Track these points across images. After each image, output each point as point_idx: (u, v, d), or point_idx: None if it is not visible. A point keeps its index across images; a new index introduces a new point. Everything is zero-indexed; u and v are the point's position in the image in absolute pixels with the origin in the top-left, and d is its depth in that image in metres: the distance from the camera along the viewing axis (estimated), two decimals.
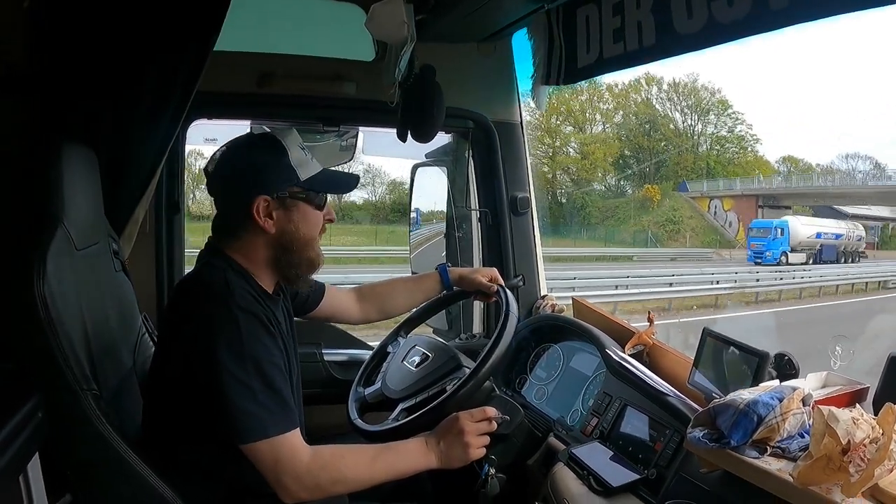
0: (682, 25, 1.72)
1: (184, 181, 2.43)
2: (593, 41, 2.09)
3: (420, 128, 2.27)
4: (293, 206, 1.60)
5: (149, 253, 2.35)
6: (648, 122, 45.93)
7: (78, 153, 1.69)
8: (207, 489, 1.56)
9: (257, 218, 1.57)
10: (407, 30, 2.00)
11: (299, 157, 1.61)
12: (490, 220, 2.66)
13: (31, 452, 1.35)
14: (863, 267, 28.49)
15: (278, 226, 1.59)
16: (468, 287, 2.08)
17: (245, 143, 1.66)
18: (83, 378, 1.46)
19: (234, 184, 1.60)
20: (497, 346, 1.75)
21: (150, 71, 1.93)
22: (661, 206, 41.52)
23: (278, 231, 1.59)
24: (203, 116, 2.39)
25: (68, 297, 1.49)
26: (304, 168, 1.61)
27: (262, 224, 1.57)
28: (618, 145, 45.74)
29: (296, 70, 2.40)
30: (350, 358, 2.52)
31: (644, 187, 43.14)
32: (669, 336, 3.79)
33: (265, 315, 1.54)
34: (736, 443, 1.40)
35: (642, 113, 46.34)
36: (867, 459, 1.23)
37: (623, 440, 1.87)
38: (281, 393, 1.49)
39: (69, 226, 1.56)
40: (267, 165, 1.59)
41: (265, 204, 1.57)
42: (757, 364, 1.65)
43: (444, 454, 1.63)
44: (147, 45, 1.91)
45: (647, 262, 29.75)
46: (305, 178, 1.61)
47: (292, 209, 1.60)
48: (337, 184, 1.72)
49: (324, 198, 1.67)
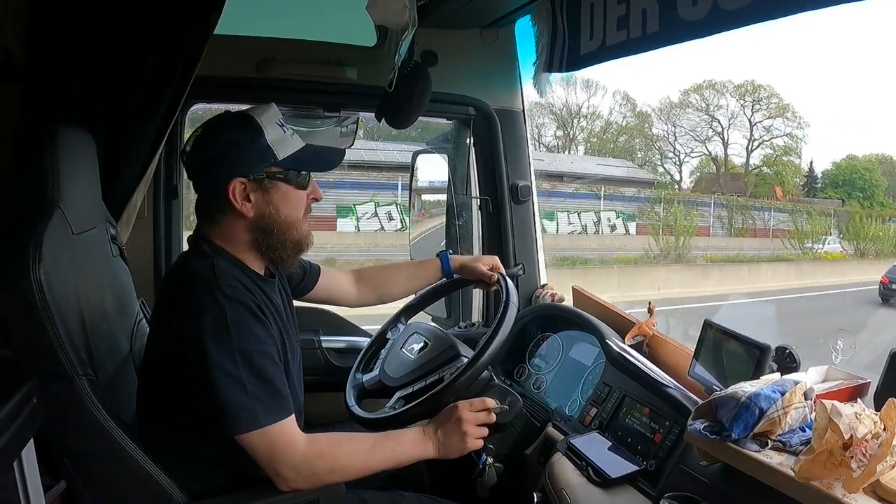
0: (687, 12, 1.70)
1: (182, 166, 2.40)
2: (597, 28, 2.07)
3: (397, 113, 2.26)
4: (272, 187, 1.56)
5: (147, 238, 2.34)
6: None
7: (76, 137, 1.68)
8: (203, 475, 1.56)
9: (234, 201, 1.52)
10: (408, 15, 1.98)
11: (276, 134, 1.56)
12: (490, 208, 2.64)
13: (26, 438, 1.34)
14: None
15: (257, 209, 1.55)
16: (469, 275, 2.06)
17: (218, 124, 1.61)
18: (79, 363, 1.45)
19: (209, 167, 1.56)
20: (496, 335, 1.73)
21: (149, 55, 1.92)
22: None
23: (257, 214, 1.55)
24: (202, 101, 2.38)
25: (64, 282, 1.47)
26: (283, 146, 1.57)
27: (239, 208, 1.53)
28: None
29: (296, 55, 2.38)
30: (348, 345, 2.51)
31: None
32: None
33: (255, 301, 1.51)
34: (737, 435, 1.39)
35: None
36: (869, 455, 1.22)
37: (622, 431, 1.87)
38: (272, 382, 1.47)
39: (66, 210, 1.54)
40: (241, 146, 1.54)
41: (241, 186, 1.53)
42: (758, 357, 1.64)
43: (441, 443, 1.63)
44: (147, 28, 1.90)
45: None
46: (284, 157, 1.56)
47: (271, 190, 1.56)
48: (318, 161, 1.67)
49: (306, 176, 1.62)
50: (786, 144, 34.18)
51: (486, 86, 2.58)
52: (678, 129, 34.32)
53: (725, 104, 33.80)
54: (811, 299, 16.74)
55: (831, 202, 31.88)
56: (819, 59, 49.61)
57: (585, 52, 2.15)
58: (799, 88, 56.55)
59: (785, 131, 33.89)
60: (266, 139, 1.55)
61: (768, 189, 32.74)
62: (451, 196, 2.80)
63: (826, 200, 32.26)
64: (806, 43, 48.61)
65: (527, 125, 2.67)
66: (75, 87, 1.91)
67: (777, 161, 33.96)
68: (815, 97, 54.05)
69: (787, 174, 33.67)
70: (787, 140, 34.05)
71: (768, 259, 23.01)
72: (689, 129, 34.32)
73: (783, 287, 17.91)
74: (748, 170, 34.08)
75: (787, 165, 34.00)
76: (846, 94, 50.52)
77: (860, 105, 49.47)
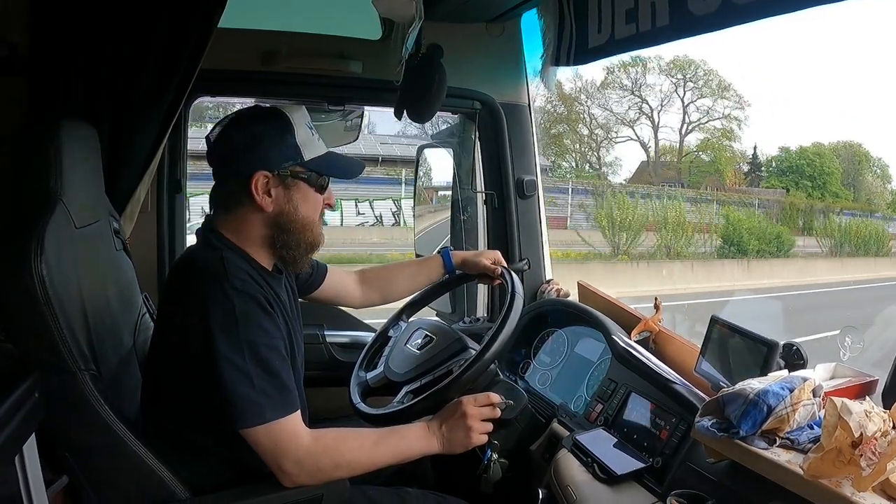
0: (697, 6, 1.68)
1: (186, 160, 2.39)
2: (605, 21, 2.05)
3: (417, 107, 2.25)
4: (293, 186, 1.56)
5: (150, 232, 2.33)
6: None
7: (79, 131, 1.67)
8: (206, 470, 1.55)
9: (255, 194, 1.52)
10: (414, 8, 1.97)
11: (305, 136, 1.57)
12: (496, 203, 2.63)
13: (28, 433, 1.34)
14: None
15: (276, 204, 1.55)
16: (471, 270, 2.05)
17: (252, 115, 1.60)
18: (81, 358, 1.44)
19: (235, 155, 1.54)
20: (504, 327, 1.72)
21: (153, 48, 1.91)
22: None
23: (276, 210, 1.55)
24: (206, 94, 2.37)
25: (67, 276, 1.47)
26: (309, 148, 1.57)
27: (259, 201, 1.52)
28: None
29: (301, 48, 2.37)
30: (352, 340, 2.51)
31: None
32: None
33: (263, 295, 1.50)
34: (745, 433, 1.38)
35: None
36: (878, 453, 1.21)
37: (628, 427, 1.86)
38: (279, 376, 1.47)
39: (69, 204, 1.54)
40: (272, 140, 1.53)
41: (265, 180, 1.52)
42: (766, 353, 1.63)
43: (446, 438, 1.62)
44: (151, 22, 1.89)
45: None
46: (309, 159, 1.57)
47: (292, 188, 1.56)
48: (341, 168, 1.67)
49: (326, 181, 1.62)
50: (724, 127, 32.14)
51: (491, 80, 2.57)
52: (606, 114, 32.15)
53: (655, 82, 31.88)
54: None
55: (774, 192, 30.10)
56: (767, 34, 45.63)
57: (594, 46, 2.13)
58: (740, 65, 54.04)
59: (724, 113, 31.90)
60: (295, 138, 1.55)
61: (706, 177, 31.06)
62: (457, 191, 2.80)
63: (768, 190, 30.51)
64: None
65: (532, 120, 2.66)
66: (79, 80, 1.91)
67: (712, 145, 31.95)
68: (759, 76, 50.99)
69: (724, 161, 31.61)
70: (726, 123, 32.06)
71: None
72: (616, 112, 32.24)
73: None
74: (682, 156, 32.52)
75: (726, 151, 32.10)
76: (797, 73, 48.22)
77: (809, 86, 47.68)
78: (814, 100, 49.38)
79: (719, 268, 18.74)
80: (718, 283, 16.28)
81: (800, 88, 49.84)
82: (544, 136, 30.77)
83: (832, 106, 49.04)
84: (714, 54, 50.37)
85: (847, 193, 31.47)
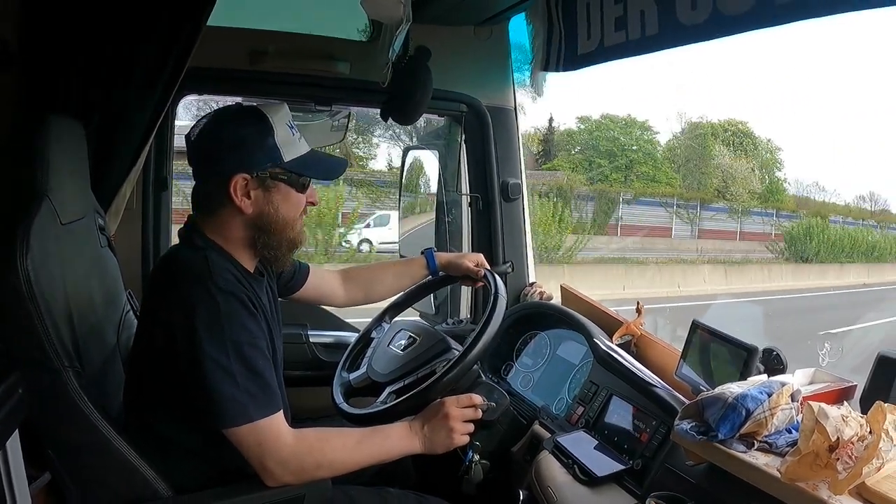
0: (686, 16, 1.70)
1: (172, 158, 2.39)
2: (594, 28, 2.06)
3: (403, 110, 2.27)
4: (273, 187, 1.54)
5: (135, 229, 2.33)
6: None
7: (65, 127, 1.66)
8: (190, 469, 1.54)
9: (234, 196, 1.51)
10: (402, 10, 1.97)
11: (285, 135, 1.55)
12: (480, 206, 2.64)
13: (11, 430, 1.33)
14: None
15: (256, 206, 1.54)
16: (454, 272, 2.06)
17: (229, 116, 1.59)
18: (65, 355, 1.43)
19: (214, 157, 1.53)
20: (487, 328, 1.73)
21: (141, 45, 1.90)
22: None
23: (255, 212, 1.54)
24: (193, 92, 2.36)
25: (52, 272, 1.46)
26: (290, 148, 1.55)
27: (238, 203, 1.52)
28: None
29: (289, 48, 2.37)
30: (336, 340, 2.51)
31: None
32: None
33: (247, 295, 1.50)
34: (723, 436, 1.40)
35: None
36: (855, 457, 1.23)
37: (608, 430, 1.87)
38: (263, 376, 1.46)
39: (54, 200, 1.53)
40: (250, 142, 1.52)
41: (244, 182, 1.51)
42: (746, 358, 1.65)
43: (427, 439, 1.62)
44: (141, 19, 1.88)
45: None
46: (290, 160, 1.55)
47: (272, 189, 1.54)
48: (323, 169, 1.66)
49: (308, 180, 1.61)
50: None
51: (478, 83, 2.58)
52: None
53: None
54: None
55: (553, 174, 24.01)
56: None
57: (584, 52, 2.15)
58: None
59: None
60: (275, 139, 1.54)
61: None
62: (442, 193, 2.80)
63: (552, 172, 24.49)
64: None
65: (518, 123, 2.67)
66: (68, 77, 1.89)
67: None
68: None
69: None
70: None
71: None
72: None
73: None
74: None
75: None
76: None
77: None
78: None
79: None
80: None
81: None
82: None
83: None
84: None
85: (671, 176, 26.40)
